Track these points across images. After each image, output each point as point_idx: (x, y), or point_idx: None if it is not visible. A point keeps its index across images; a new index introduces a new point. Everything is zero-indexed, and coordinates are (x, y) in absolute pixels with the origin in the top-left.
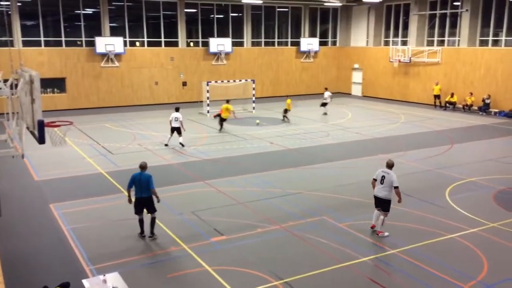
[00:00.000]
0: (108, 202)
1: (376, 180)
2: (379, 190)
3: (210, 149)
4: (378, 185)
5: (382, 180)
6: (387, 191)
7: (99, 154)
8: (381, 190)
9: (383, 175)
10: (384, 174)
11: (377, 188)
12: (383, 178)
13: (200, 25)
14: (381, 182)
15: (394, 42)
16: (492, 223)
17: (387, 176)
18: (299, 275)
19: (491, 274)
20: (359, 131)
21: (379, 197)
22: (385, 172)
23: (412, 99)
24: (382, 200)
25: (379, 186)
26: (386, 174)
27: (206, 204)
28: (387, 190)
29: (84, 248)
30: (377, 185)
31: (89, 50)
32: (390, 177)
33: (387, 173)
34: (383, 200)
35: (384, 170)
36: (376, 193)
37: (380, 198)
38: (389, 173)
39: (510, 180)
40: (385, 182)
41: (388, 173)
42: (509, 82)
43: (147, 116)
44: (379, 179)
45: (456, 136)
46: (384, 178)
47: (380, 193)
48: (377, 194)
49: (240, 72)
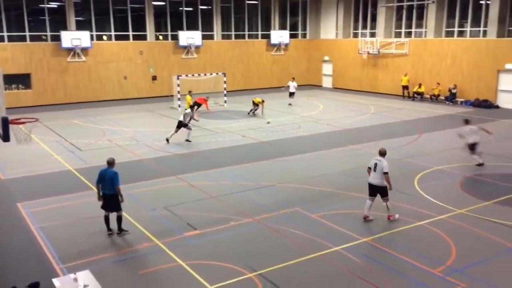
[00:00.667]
0: (77, 199)
1: (371, 169)
2: (373, 178)
3: (182, 143)
4: (372, 173)
5: (375, 168)
6: (379, 178)
7: (67, 151)
8: (374, 178)
9: (376, 162)
10: (376, 161)
11: (371, 177)
12: (375, 166)
13: (169, 18)
14: (374, 169)
15: (362, 34)
16: (459, 209)
17: (379, 163)
18: (273, 266)
19: (459, 259)
20: (330, 123)
21: (374, 184)
22: (377, 159)
23: (381, 90)
24: (377, 187)
25: (373, 174)
26: (378, 162)
27: (179, 199)
28: (379, 177)
29: (53, 247)
30: (371, 173)
31: (55, 45)
32: (382, 163)
33: (379, 160)
34: (378, 187)
35: (377, 158)
36: (370, 180)
37: (375, 186)
38: (381, 160)
39: (476, 168)
40: (377, 169)
41: (380, 161)
42: (474, 72)
43: (117, 111)
44: (372, 167)
45: (424, 125)
46: (377, 165)
47: (374, 181)
48: (371, 181)
49: (210, 66)
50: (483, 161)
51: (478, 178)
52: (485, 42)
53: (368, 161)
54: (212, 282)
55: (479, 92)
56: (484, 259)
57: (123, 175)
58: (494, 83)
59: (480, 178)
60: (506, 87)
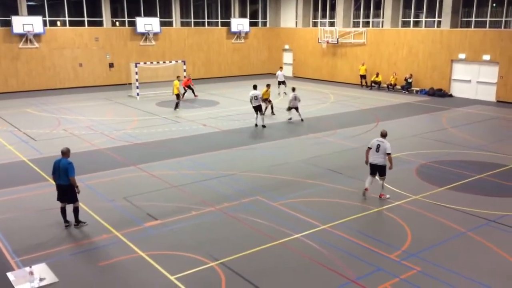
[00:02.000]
0: (32, 191)
1: (371, 149)
2: (375, 158)
3: (141, 132)
4: (374, 154)
5: (377, 148)
6: (382, 158)
7: (20, 141)
8: (377, 158)
9: (378, 143)
10: (379, 143)
11: (373, 156)
12: (378, 147)
13: (125, 3)
14: (376, 150)
15: (322, 23)
16: (415, 195)
17: (382, 145)
18: (235, 255)
19: (414, 244)
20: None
21: (375, 164)
22: (379, 141)
23: (340, 79)
24: (378, 166)
25: (375, 155)
26: (381, 143)
27: (139, 189)
28: (382, 157)
29: (7, 240)
30: (373, 154)
31: (6, 30)
32: (385, 145)
33: (382, 141)
34: (379, 166)
35: (379, 139)
36: (372, 161)
37: (376, 165)
38: (383, 141)
39: (431, 155)
40: (380, 150)
41: (382, 142)
42: (429, 62)
43: (72, 99)
44: (374, 148)
45: (382, 114)
46: (379, 146)
47: (376, 160)
48: (373, 161)
49: (170, 53)
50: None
51: (433, 165)
52: (440, 32)
53: (327, 149)
54: (174, 272)
55: (433, 82)
56: (438, 243)
57: (80, 166)
58: (448, 73)
59: (434, 165)
60: (459, 77)
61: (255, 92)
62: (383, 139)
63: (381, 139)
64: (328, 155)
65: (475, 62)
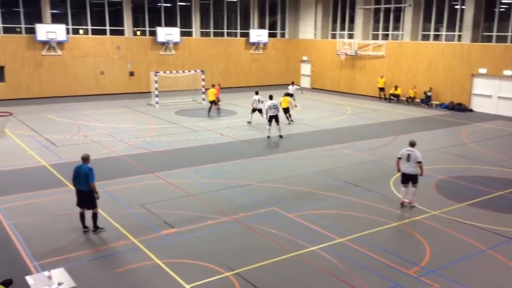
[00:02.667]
0: (52, 196)
1: (401, 159)
2: (406, 167)
3: (159, 141)
4: (405, 163)
5: (408, 158)
6: (413, 167)
7: (41, 146)
8: (408, 167)
9: (409, 153)
10: (409, 152)
11: (404, 166)
12: (408, 156)
13: (147, 13)
14: (407, 160)
15: (340, 35)
16: (434, 211)
17: (412, 154)
18: (250, 265)
19: (433, 260)
20: (308, 123)
21: (407, 173)
22: (409, 150)
23: (358, 92)
24: (410, 175)
25: (406, 164)
26: (411, 152)
27: (156, 196)
28: (413, 166)
29: (27, 244)
30: (404, 163)
31: (29, 38)
32: (415, 154)
33: (412, 151)
34: (411, 175)
35: (409, 149)
36: (404, 170)
37: (409, 174)
38: (413, 150)
39: (450, 170)
40: (411, 159)
41: (412, 151)
42: (449, 76)
43: (93, 106)
44: (405, 158)
45: (400, 127)
46: (410, 156)
47: (408, 170)
48: (405, 171)
49: (189, 63)
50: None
51: (452, 180)
52: (460, 46)
53: (344, 161)
54: (189, 281)
55: (453, 96)
56: (457, 260)
57: (99, 172)
58: (468, 87)
59: (454, 180)
60: (480, 91)
61: (274, 102)
62: (412, 148)
63: (411, 149)
64: (345, 167)
65: (496, 77)
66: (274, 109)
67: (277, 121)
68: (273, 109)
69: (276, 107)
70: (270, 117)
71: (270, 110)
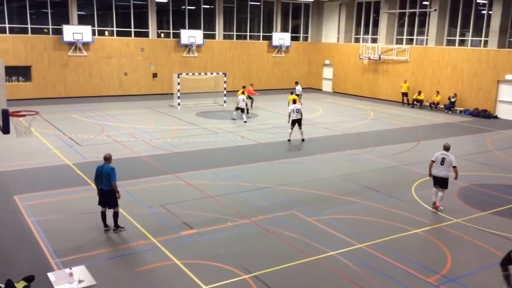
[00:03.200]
0: (74, 194)
1: (435, 162)
2: (439, 171)
3: (180, 142)
4: (439, 167)
5: (442, 162)
6: (447, 170)
7: (65, 145)
8: (442, 170)
9: (443, 157)
10: (444, 156)
11: (437, 170)
12: (443, 160)
13: (171, 16)
14: (441, 163)
15: (364, 39)
16: (456, 219)
17: (447, 158)
18: (268, 268)
19: (454, 268)
20: (329, 127)
21: (440, 177)
22: (444, 154)
23: (380, 96)
24: (442, 179)
25: (440, 168)
26: (445, 156)
27: (176, 197)
28: (447, 170)
29: (49, 241)
30: (437, 167)
31: (56, 38)
32: (450, 158)
33: (447, 155)
34: (443, 179)
35: (443, 153)
36: (436, 173)
37: (441, 177)
38: (448, 155)
39: (474, 177)
40: (445, 163)
41: (447, 155)
42: (474, 82)
43: (116, 107)
44: (438, 161)
45: (423, 133)
46: (444, 159)
47: (441, 173)
48: (437, 174)
49: (211, 65)
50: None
51: (475, 188)
52: (486, 52)
53: (365, 166)
54: (207, 282)
55: (478, 102)
56: (479, 269)
57: (120, 172)
58: (493, 94)
59: (477, 188)
60: (506, 98)
61: (297, 106)
62: (447, 152)
63: (446, 153)
64: (366, 172)
65: None
66: (297, 113)
67: (300, 125)
68: (296, 113)
69: (299, 111)
70: (293, 121)
71: (293, 114)
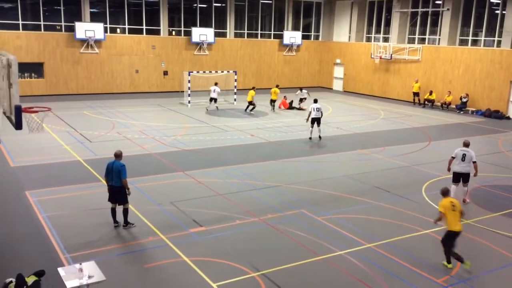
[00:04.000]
0: (85, 190)
1: (455, 158)
2: (463, 167)
3: (190, 139)
4: (460, 163)
5: (463, 158)
6: (468, 166)
7: (77, 142)
8: (465, 167)
9: (464, 153)
10: (464, 152)
11: (459, 166)
12: (464, 156)
13: (182, 14)
14: (462, 159)
15: (376, 38)
16: (467, 220)
17: (468, 154)
18: (277, 267)
19: (464, 270)
20: (340, 126)
21: (462, 172)
22: (464, 150)
23: (391, 96)
24: (464, 174)
25: (461, 164)
26: (466, 152)
27: (185, 194)
28: (468, 166)
29: (60, 237)
30: (458, 163)
31: (69, 35)
32: (470, 154)
33: (467, 151)
34: (465, 174)
35: (463, 149)
36: (460, 170)
37: (463, 173)
38: (468, 151)
39: (485, 178)
40: (466, 159)
41: (468, 151)
42: (486, 82)
43: (127, 104)
44: (459, 157)
45: (434, 133)
46: (465, 155)
47: (462, 169)
48: (461, 170)
49: (222, 63)
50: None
51: (487, 189)
52: (499, 52)
53: (375, 166)
54: (216, 280)
55: (490, 103)
56: (489, 271)
57: (131, 169)
58: (506, 94)
59: (488, 189)
60: None
61: (317, 105)
62: (467, 148)
63: (466, 149)
64: (376, 172)
65: None
66: (317, 111)
67: (318, 124)
68: (317, 111)
69: (320, 110)
70: (313, 119)
71: (313, 112)
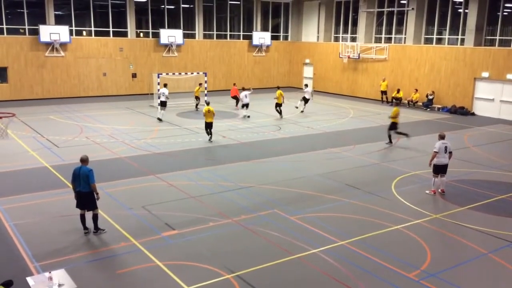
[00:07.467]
0: (53, 197)
1: (438, 152)
2: (445, 159)
3: (161, 142)
4: (443, 156)
5: (445, 150)
6: (447, 158)
7: (43, 147)
8: (447, 158)
9: (445, 145)
10: (445, 144)
11: (442, 159)
12: (446, 148)
13: (150, 15)
14: (445, 151)
15: (343, 38)
16: (435, 214)
17: (448, 146)
18: (251, 268)
19: (434, 264)
20: (310, 126)
21: (444, 164)
22: (444, 143)
23: (360, 95)
24: (445, 166)
25: (445, 156)
26: (447, 144)
27: (157, 198)
28: (447, 157)
29: (28, 245)
30: (442, 156)
31: (33, 39)
32: (449, 144)
33: (446, 142)
34: (445, 165)
35: (443, 142)
36: (443, 162)
37: (445, 165)
38: (447, 142)
39: (452, 174)
40: (447, 151)
41: (447, 143)
42: (451, 79)
43: (95, 108)
44: (442, 150)
45: (402, 130)
46: (447, 147)
47: (446, 160)
48: (444, 162)
49: (191, 65)
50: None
51: (454, 184)
52: (463, 50)
53: (346, 164)
54: (189, 283)
55: (455, 99)
56: (458, 264)
57: (100, 173)
58: (470, 91)
59: (456, 184)
60: (482, 95)
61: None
62: (445, 140)
63: (445, 141)
64: (346, 170)
65: (499, 81)
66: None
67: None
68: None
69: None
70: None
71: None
